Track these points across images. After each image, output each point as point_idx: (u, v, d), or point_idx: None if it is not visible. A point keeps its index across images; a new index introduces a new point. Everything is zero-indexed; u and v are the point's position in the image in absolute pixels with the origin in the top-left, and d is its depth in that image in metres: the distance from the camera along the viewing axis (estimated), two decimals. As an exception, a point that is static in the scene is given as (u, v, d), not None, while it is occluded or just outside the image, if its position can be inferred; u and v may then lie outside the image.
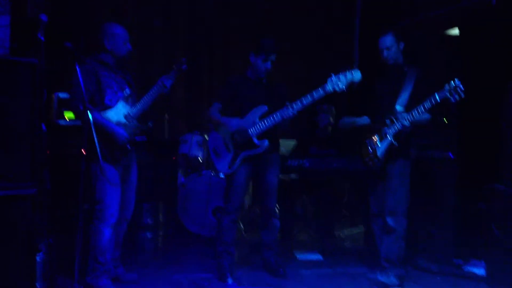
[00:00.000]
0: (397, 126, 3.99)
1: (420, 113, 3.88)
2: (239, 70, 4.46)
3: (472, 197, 4.63)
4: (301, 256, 5.13)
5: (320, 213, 5.69)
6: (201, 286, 3.97)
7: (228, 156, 4.24)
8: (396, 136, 4.02)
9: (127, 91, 3.88)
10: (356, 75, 4.00)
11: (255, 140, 4.19)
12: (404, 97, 4.04)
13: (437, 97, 3.77)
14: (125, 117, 3.82)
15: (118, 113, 3.81)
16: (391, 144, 4.05)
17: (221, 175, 5.36)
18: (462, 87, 3.67)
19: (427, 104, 3.82)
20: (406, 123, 3.92)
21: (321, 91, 4.03)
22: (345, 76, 3.99)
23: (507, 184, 3.95)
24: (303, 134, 5.98)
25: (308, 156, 5.44)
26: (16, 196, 3.02)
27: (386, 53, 4.20)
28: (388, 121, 4.07)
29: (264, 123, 4.17)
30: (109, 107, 3.78)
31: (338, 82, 3.99)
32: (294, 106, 4.08)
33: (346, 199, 6.17)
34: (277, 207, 5.80)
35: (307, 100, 4.06)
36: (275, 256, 4.48)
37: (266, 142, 4.18)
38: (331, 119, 5.70)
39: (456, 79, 3.70)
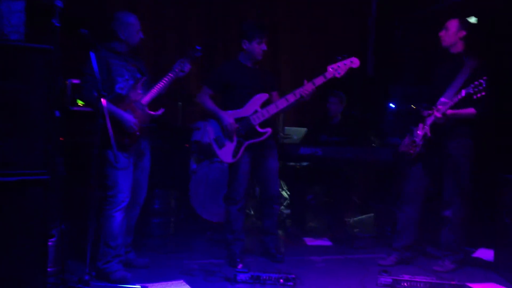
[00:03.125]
0: (432, 117, 4.05)
1: (449, 107, 3.93)
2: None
3: (485, 186, 4.62)
4: (311, 242, 5.15)
5: (330, 200, 5.70)
6: (212, 272, 4.00)
7: (231, 145, 4.26)
8: (432, 126, 4.07)
9: (139, 78, 3.89)
10: (355, 62, 4.15)
11: (259, 129, 4.23)
12: (453, 88, 4.06)
13: (463, 93, 3.83)
14: (135, 103, 3.83)
15: (129, 100, 3.82)
16: (425, 134, 4.09)
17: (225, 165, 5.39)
18: (484, 86, 3.72)
19: (455, 99, 3.90)
20: (438, 114, 3.97)
21: (322, 78, 4.15)
22: (344, 63, 4.14)
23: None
24: (314, 122, 5.98)
25: (319, 144, 5.45)
26: (30, 182, 3.04)
27: (444, 33, 4.23)
28: (430, 111, 4.12)
29: (267, 111, 4.21)
30: (119, 95, 3.80)
31: (338, 69, 4.13)
32: (296, 93, 4.15)
33: (357, 187, 6.18)
34: (288, 194, 5.86)
35: (309, 87, 4.13)
36: (275, 241, 4.53)
37: (269, 130, 4.24)
38: (341, 106, 5.69)
39: (482, 78, 3.73)
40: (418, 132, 4.21)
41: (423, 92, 4.56)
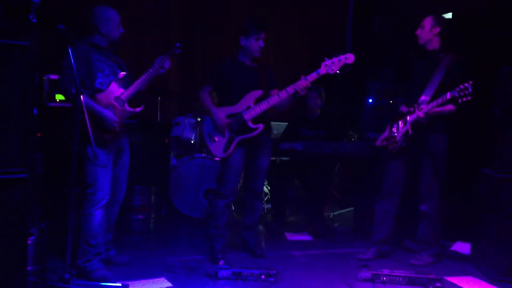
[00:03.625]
0: (414, 115, 4.09)
1: (433, 107, 3.97)
2: (233, 53, 4.46)
3: (462, 180, 4.70)
4: (292, 237, 5.18)
5: (310, 194, 5.74)
6: (193, 268, 4.00)
7: (223, 140, 4.27)
8: (413, 124, 4.12)
9: (119, 74, 3.87)
10: (350, 58, 4.06)
11: (250, 124, 4.24)
12: (432, 86, 4.10)
13: (448, 96, 3.85)
14: (115, 99, 3.81)
15: (108, 96, 3.80)
16: (406, 131, 4.15)
17: (216, 159, 5.39)
18: (470, 91, 3.73)
19: (439, 101, 3.92)
20: (421, 114, 4.01)
21: (315, 74, 4.09)
22: (339, 59, 4.06)
23: (495, 169, 4.00)
24: (293, 116, 6.00)
25: (298, 138, 5.49)
26: (8, 180, 3.00)
27: (420, 31, 4.27)
28: (411, 109, 4.17)
29: (259, 107, 4.22)
30: (99, 90, 3.76)
31: (332, 65, 4.05)
32: (289, 90, 4.13)
33: (336, 181, 6.23)
34: (268, 189, 5.88)
35: (302, 83, 4.09)
36: (254, 237, 4.59)
37: (261, 126, 4.24)
38: (320, 101, 5.72)
39: (468, 82, 3.75)
40: (399, 129, 4.26)
41: (400, 87, 4.60)
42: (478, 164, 4.35)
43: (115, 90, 3.82)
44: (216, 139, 4.29)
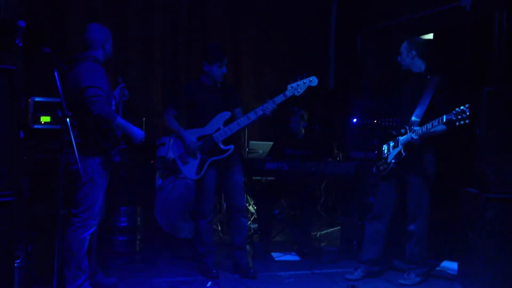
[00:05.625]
0: (407, 137, 4.15)
1: (428, 129, 4.03)
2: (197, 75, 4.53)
3: (448, 199, 4.73)
4: (279, 257, 5.17)
5: (297, 214, 5.74)
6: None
7: (195, 162, 4.35)
8: (405, 146, 4.18)
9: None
10: (314, 80, 4.23)
11: (222, 146, 4.32)
12: (422, 107, 4.18)
13: (444, 119, 3.92)
14: None
15: None
16: (399, 153, 4.19)
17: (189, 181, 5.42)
18: (468, 113, 3.79)
19: (435, 123, 3.98)
20: (414, 136, 4.09)
21: (282, 96, 4.25)
22: (304, 82, 4.21)
23: (479, 188, 4.04)
24: (279, 136, 6.02)
25: (284, 157, 5.49)
26: (-6, 204, 2.98)
27: (400, 58, 4.38)
28: (402, 130, 4.24)
29: (230, 129, 4.32)
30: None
31: (298, 87, 4.20)
32: (257, 111, 4.26)
33: (322, 200, 6.24)
34: (254, 209, 5.87)
35: (270, 105, 4.22)
36: (246, 257, 4.58)
37: (232, 147, 4.34)
38: (302, 123, 5.74)
39: (464, 105, 3.81)
40: (390, 150, 4.33)
41: (387, 107, 4.65)
42: (462, 183, 4.39)
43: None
44: (188, 161, 4.37)
